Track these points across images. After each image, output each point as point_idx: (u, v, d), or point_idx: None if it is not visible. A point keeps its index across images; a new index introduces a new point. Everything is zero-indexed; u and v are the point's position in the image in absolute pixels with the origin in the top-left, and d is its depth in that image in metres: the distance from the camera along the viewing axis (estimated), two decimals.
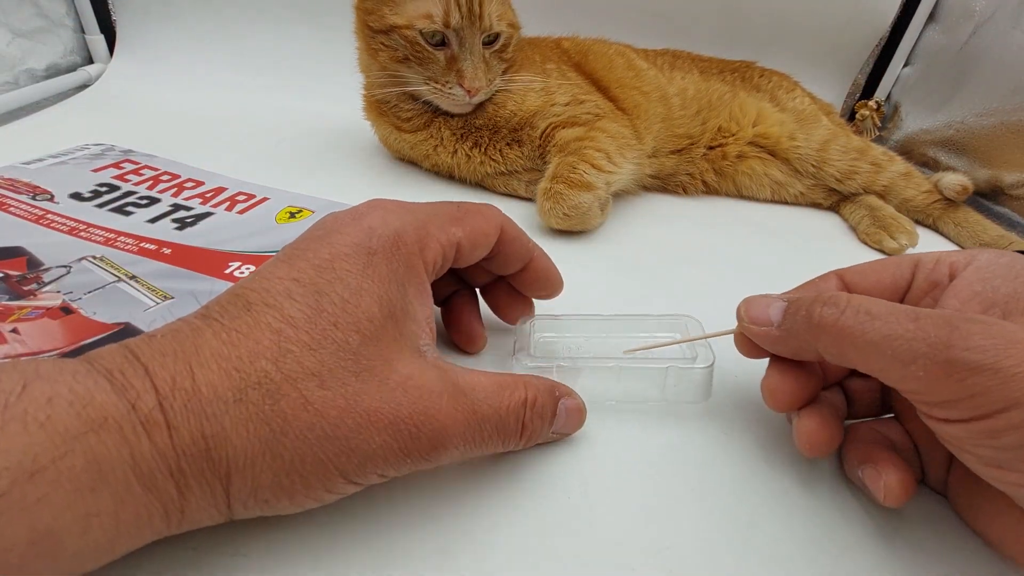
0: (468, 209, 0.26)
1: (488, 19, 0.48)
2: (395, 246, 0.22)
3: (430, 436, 0.20)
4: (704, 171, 0.60)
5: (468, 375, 0.22)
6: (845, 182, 0.58)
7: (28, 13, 0.70)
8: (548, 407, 0.24)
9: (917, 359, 0.19)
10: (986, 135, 0.63)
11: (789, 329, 0.23)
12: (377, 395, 0.19)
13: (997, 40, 0.64)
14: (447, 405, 0.21)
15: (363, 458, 0.19)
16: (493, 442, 0.22)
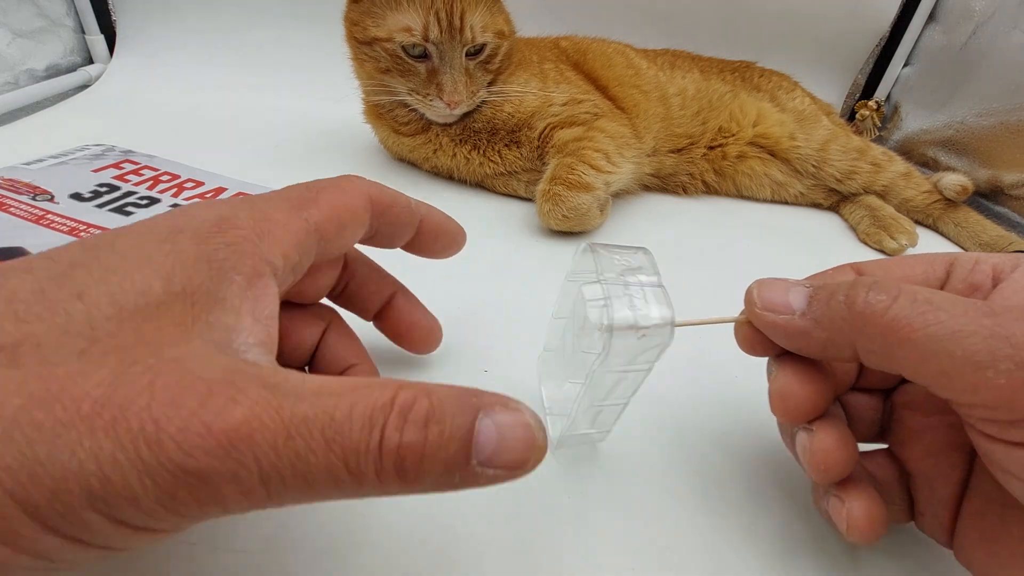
0: (321, 187, 0.21)
1: (470, 32, 0.47)
2: (216, 229, 0.16)
3: (186, 445, 0.12)
4: (704, 171, 0.60)
5: (300, 376, 0.14)
6: (845, 182, 0.58)
7: (28, 13, 0.70)
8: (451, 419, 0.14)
9: (997, 362, 0.15)
10: (986, 135, 0.63)
11: (819, 318, 0.19)
12: (104, 380, 0.12)
13: (997, 40, 0.64)
14: (222, 398, 0.13)
15: (62, 482, 0.12)
16: (317, 457, 0.13)
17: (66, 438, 0.12)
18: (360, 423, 0.13)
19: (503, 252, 0.45)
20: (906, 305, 0.17)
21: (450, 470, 0.14)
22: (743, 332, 0.22)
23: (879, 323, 0.17)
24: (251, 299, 0.16)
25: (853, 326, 0.18)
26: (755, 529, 0.24)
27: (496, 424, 0.15)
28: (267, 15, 0.79)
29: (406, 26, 0.47)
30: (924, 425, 0.21)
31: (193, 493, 0.12)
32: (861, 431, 0.23)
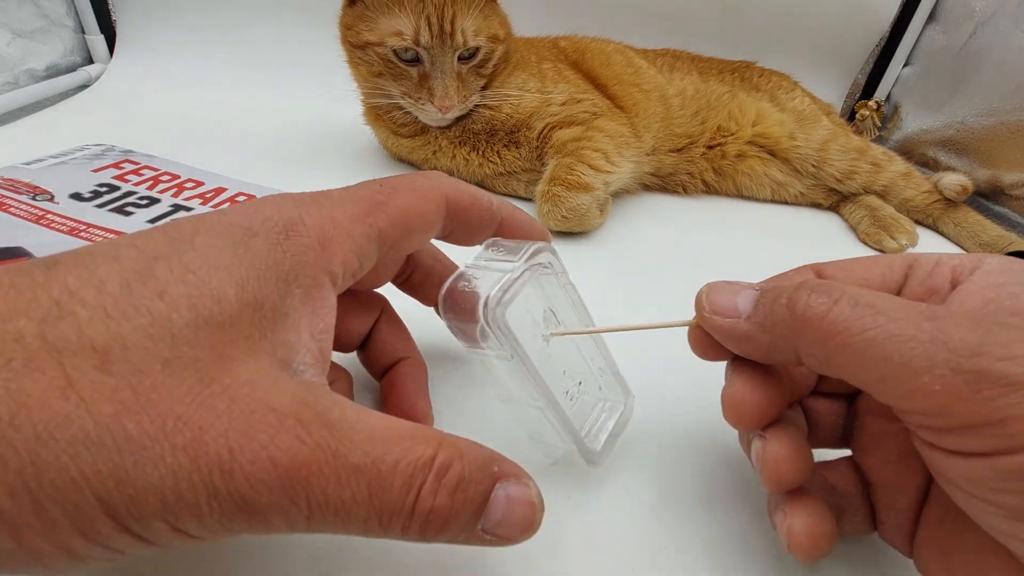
0: (395, 187, 0.20)
1: (461, 36, 0.47)
2: (285, 234, 0.17)
3: (252, 479, 0.13)
4: (704, 170, 0.60)
5: (356, 410, 0.16)
6: (845, 182, 0.58)
7: (28, 13, 0.70)
8: (472, 485, 0.16)
9: (933, 367, 0.14)
10: (986, 135, 0.63)
11: (762, 322, 0.18)
12: (186, 397, 0.13)
13: (997, 40, 0.64)
14: (290, 435, 0.14)
15: (142, 492, 0.13)
16: (359, 509, 0.15)
17: (151, 452, 0.13)
18: (401, 481, 0.15)
19: None
20: (846, 308, 0.16)
21: (461, 531, 0.16)
22: (695, 336, 0.21)
23: (818, 327, 0.16)
24: (309, 313, 0.17)
25: (794, 330, 0.17)
26: (755, 528, 0.24)
27: (507, 496, 0.16)
28: (267, 15, 0.79)
29: (397, 30, 0.47)
30: (885, 431, 0.21)
31: (247, 520, 0.14)
32: (823, 437, 0.23)
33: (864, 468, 0.21)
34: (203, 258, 0.15)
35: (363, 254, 0.19)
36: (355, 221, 0.19)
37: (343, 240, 0.18)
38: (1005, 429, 0.14)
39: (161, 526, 0.13)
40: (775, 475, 0.19)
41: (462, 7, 0.47)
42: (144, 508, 0.13)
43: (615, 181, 0.51)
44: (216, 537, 0.14)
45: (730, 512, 0.24)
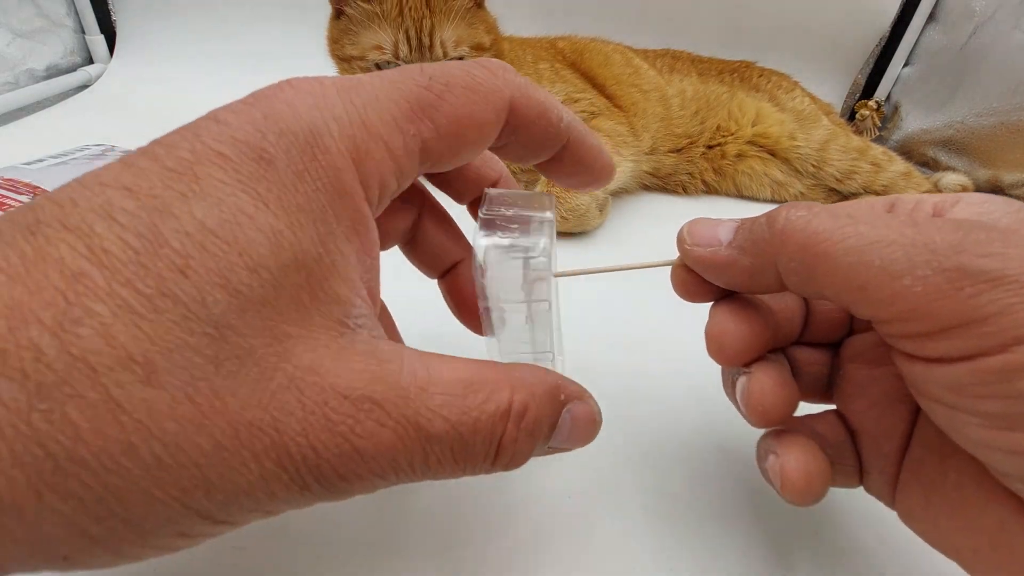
0: (448, 82, 0.16)
1: (441, 48, 0.47)
2: (309, 153, 0.13)
3: (341, 469, 0.13)
4: (704, 170, 0.60)
5: (421, 362, 0.15)
6: (845, 182, 0.58)
7: (28, 13, 0.70)
8: (545, 420, 0.16)
9: (914, 268, 0.14)
10: (986, 135, 0.63)
11: (742, 244, 0.18)
12: (251, 398, 0.12)
13: (997, 40, 0.64)
14: (369, 420, 0.13)
15: (230, 495, 0.12)
16: (445, 469, 0.15)
17: (233, 462, 0.12)
18: (483, 438, 0.15)
19: None
20: (826, 219, 0.16)
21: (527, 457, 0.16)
22: (678, 275, 0.21)
23: (798, 239, 0.16)
24: (355, 255, 0.14)
25: (773, 245, 0.17)
26: (757, 528, 0.24)
27: (572, 416, 0.17)
28: (267, 15, 0.79)
29: (377, 44, 0.47)
30: (869, 377, 0.20)
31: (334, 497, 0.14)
32: (808, 388, 0.22)
33: (848, 417, 0.21)
34: (217, 205, 0.12)
35: (403, 173, 0.16)
36: (395, 129, 0.15)
37: (380, 155, 0.15)
38: (986, 327, 0.13)
39: (254, 516, 0.13)
40: (760, 407, 0.19)
41: (441, 18, 0.47)
42: (238, 507, 0.13)
43: (614, 181, 0.51)
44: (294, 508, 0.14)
45: (731, 512, 0.24)
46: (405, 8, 0.46)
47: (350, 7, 0.48)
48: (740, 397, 0.20)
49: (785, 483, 0.18)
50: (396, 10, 0.46)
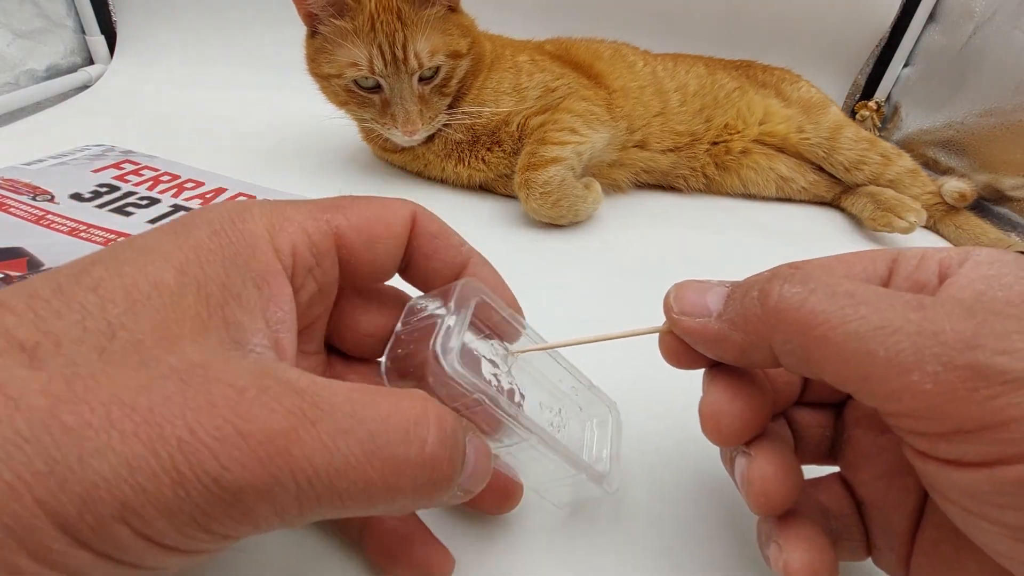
0: (358, 198, 0.19)
1: (415, 60, 0.47)
2: (230, 223, 0.16)
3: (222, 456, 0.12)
4: (705, 164, 0.60)
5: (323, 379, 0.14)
6: (853, 171, 0.58)
7: (29, 14, 0.70)
8: (460, 438, 0.16)
9: (923, 363, 0.13)
10: (986, 135, 0.63)
11: (733, 318, 0.17)
12: (130, 382, 0.12)
13: (997, 40, 0.64)
14: (260, 408, 0.13)
15: (92, 489, 0.11)
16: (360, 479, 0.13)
17: (96, 442, 0.11)
18: (400, 437, 0.14)
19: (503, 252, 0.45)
20: (824, 299, 0.14)
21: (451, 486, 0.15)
22: (667, 343, 0.19)
23: (794, 319, 0.15)
24: (264, 299, 0.16)
25: (767, 324, 0.16)
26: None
27: (474, 448, 0.16)
28: (267, 16, 0.79)
29: (352, 61, 0.47)
30: (876, 445, 0.19)
31: (227, 510, 0.12)
32: (810, 451, 0.21)
33: (854, 486, 0.20)
34: (139, 252, 0.14)
35: (318, 250, 0.17)
36: (308, 215, 0.17)
37: (293, 229, 0.17)
38: (1006, 434, 0.12)
39: (124, 532, 0.11)
40: (762, 496, 0.17)
41: (413, 30, 0.46)
42: (98, 509, 0.11)
43: (587, 149, 0.50)
44: (197, 547, 0.13)
45: (731, 513, 0.24)
46: (377, 23, 0.46)
47: (323, 25, 0.48)
48: (740, 482, 0.18)
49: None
50: (368, 25, 0.46)
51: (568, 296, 0.40)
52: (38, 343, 0.12)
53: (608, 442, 0.23)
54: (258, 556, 0.21)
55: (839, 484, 0.20)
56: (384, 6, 0.46)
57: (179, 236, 0.15)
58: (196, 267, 0.14)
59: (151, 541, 0.12)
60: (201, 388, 0.12)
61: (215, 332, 0.14)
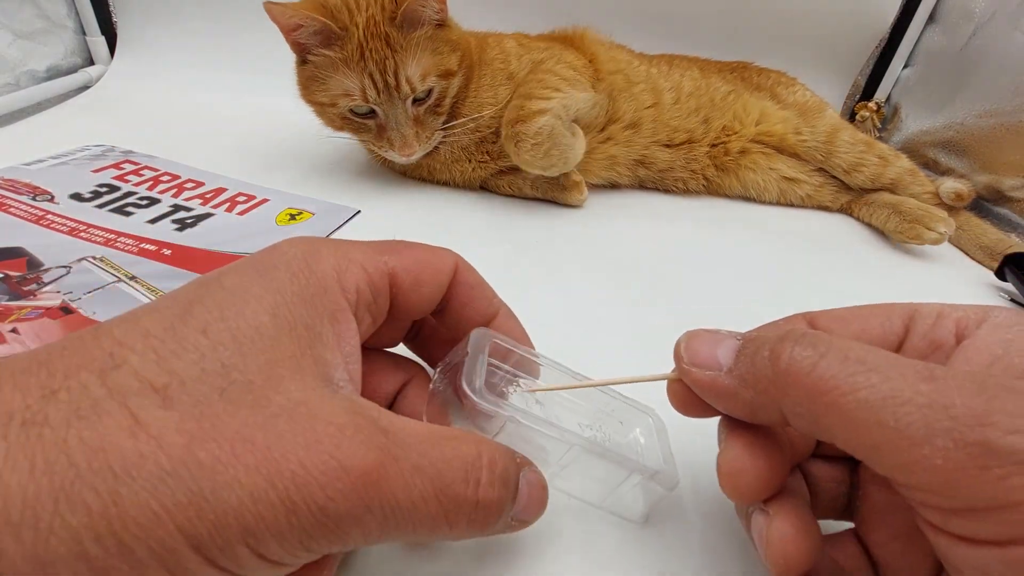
0: (410, 244, 0.21)
1: (408, 85, 0.47)
2: (305, 265, 0.18)
3: (328, 489, 0.14)
4: (705, 167, 0.60)
5: (397, 417, 0.16)
6: (852, 174, 0.58)
7: (29, 15, 0.70)
8: (511, 475, 0.17)
9: (934, 437, 0.13)
10: (986, 136, 0.63)
11: (744, 375, 0.17)
12: (248, 420, 0.14)
13: (997, 41, 0.64)
14: (353, 442, 0.14)
15: (223, 517, 0.13)
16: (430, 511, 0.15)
17: (225, 476, 0.13)
18: (461, 476, 0.16)
19: (504, 252, 0.45)
20: (834, 363, 0.14)
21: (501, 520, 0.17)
22: (675, 390, 0.19)
23: (803, 383, 0.15)
24: (337, 335, 0.18)
25: (777, 386, 0.16)
26: None
27: (528, 483, 0.18)
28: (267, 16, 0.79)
29: (345, 91, 0.47)
30: (891, 504, 0.18)
31: (326, 533, 0.14)
32: (825, 506, 0.21)
33: (868, 545, 0.19)
34: (233, 295, 0.16)
35: (376, 288, 0.20)
36: (368, 256, 0.20)
37: (356, 270, 0.19)
38: (1019, 515, 0.12)
39: (244, 552, 0.13)
40: (783, 558, 0.17)
41: (404, 55, 0.46)
42: (227, 534, 0.13)
43: (572, 103, 0.50)
44: (296, 560, 0.14)
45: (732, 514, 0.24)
46: (366, 51, 0.46)
47: (313, 54, 0.48)
48: (758, 541, 0.18)
49: None
50: (358, 54, 0.46)
51: (570, 296, 0.40)
52: (167, 384, 0.14)
53: (657, 446, 0.23)
54: None
55: (854, 542, 0.20)
56: (372, 33, 0.46)
57: (264, 278, 0.17)
58: (285, 310, 0.16)
59: (263, 558, 0.14)
60: (308, 426, 0.14)
61: (309, 370, 0.16)
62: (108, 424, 0.13)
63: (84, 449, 0.12)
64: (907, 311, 0.18)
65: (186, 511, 0.12)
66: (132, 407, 0.13)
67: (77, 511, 0.12)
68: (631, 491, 0.22)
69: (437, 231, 0.48)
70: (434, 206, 0.53)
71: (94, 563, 0.12)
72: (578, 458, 0.20)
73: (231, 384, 0.14)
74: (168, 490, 0.12)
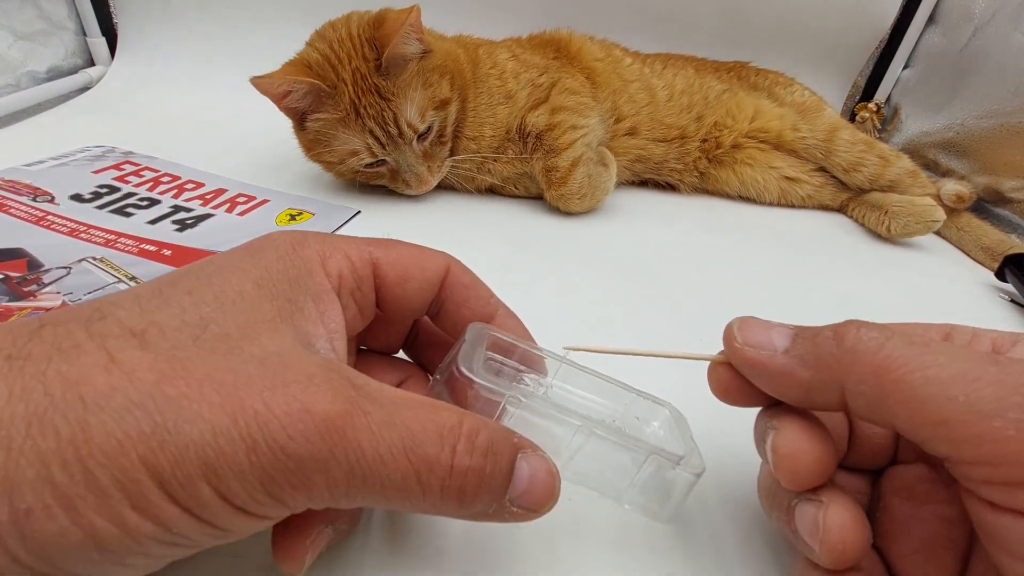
0: (401, 242, 0.22)
1: (410, 129, 0.47)
2: (291, 248, 0.19)
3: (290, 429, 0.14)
4: (696, 159, 0.60)
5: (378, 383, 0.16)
6: (852, 173, 0.58)
7: (30, 16, 0.70)
8: (499, 450, 0.17)
9: (1006, 410, 0.13)
10: (986, 137, 0.63)
11: (803, 355, 0.17)
12: (219, 364, 0.14)
13: (997, 42, 0.64)
14: (326, 393, 0.15)
15: (184, 451, 0.13)
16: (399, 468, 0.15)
17: (189, 411, 0.13)
18: (435, 438, 0.16)
19: (507, 253, 0.45)
20: (900, 344, 0.15)
21: (492, 500, 0.17)
22: (718, 375, 0.19)
23: (871, 361, 0.15)
24: (321, 312, 0.18)
25: (842, 364, 0.16)
26: (757, 531, 0.24)
27: (529, 466, 0.17)
28: (268, 18, 0.79)
29: (351, 150, 0.47)
30: (913, 516, 0.19)
31: (288, 476, 0.14)
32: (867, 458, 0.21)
33: (888, 556, 0.19)
34: (221, 268, 0.17)
35: (359, 276, 0.20)
36: (352, 246, 0.20)
37: (340, 257, 0.20)
38: None
39: (206, 490, 0.13)
40: (840, 544, 0.16)
41: (398, 101, 0.46)
42: (187, 468, 0.13)
43: (592, 136, 0.53)
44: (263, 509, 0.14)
45: (733, 515, 0.24)
46: (360, 107, 0.45)
47: (309, 119, 0.48)
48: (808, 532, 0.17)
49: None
50: (353, 112, 0.46)
51: (570, 297, 0.40)
52: (145, 330, 0.15)
53: (678, 436, 0.22)
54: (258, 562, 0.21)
55: (873, 553, 0.19)
56: (362, 88, 0.45)
57: (253, 256, 0.18)
58: (269, 283, 0.17)
59: (225, 500, 0.14)
60: (278, 372, 0.15)
61: (288, 333, 0.16)
62: (85, 361, 0.13)
63: (60, 380, 0.13)
64: (944, 329, 0.19)
65: (148, 441, 0.13)
66: (110, 348, 0.14)
67: (47, 436, 0.12)
68: (653, 483, 0.21)
69: (437, 232, 0.48)
70: (435, 207, 0.53)
71: (59, 489, 0.12)
72: (587, 443, 0.20)
73: (206, 332, 0.15)
74: (133, 420, 0.13)
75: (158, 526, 0.13)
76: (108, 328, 0.14)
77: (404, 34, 0.44)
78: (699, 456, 0.21)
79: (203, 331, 0.15)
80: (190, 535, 0.14)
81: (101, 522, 0.12)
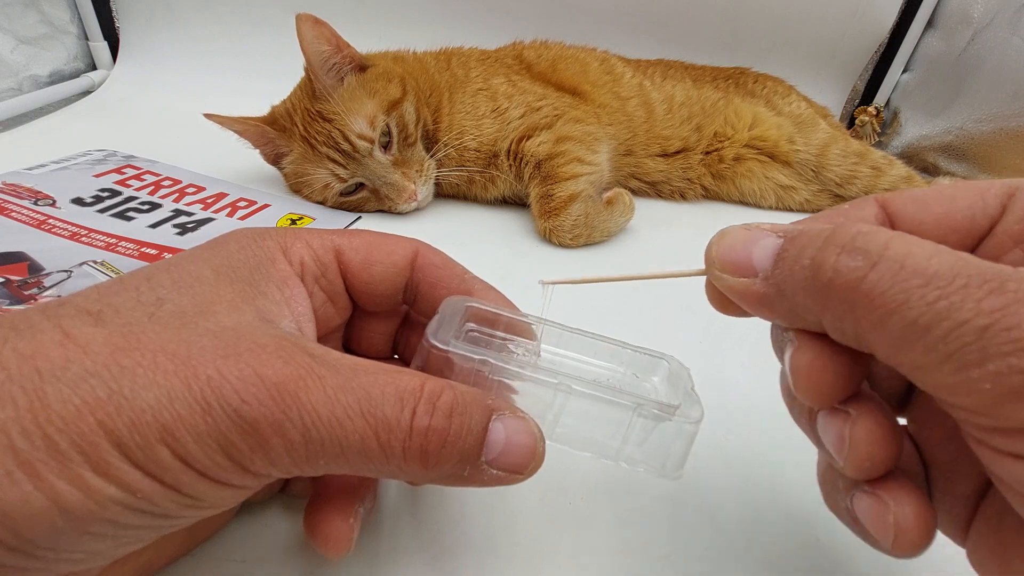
0: (365, 231, 0.22)
1: (362, 140, 0.47)
2: (252, 241, 0.19)
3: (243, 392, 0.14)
4: (702, 175, 0.60)
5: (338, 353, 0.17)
6: (845, 187, 0.58)
7: (32, 20, 0.71)
8: (471, 414, 0.16)
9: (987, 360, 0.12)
10: (985, 140, 0.63)
11: (780, 284, 0.15)
12: (173, 337, 0.15)
13: (996, 46, 0.64)
14: (279, 360, 0.15)
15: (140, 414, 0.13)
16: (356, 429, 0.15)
17: (144, 378, 0.14)
18: (393, 400, 0.15)
19: (507, 258, 0.45)
20: (886, 276, 0.13)
21: (463, 462, 0.16)
22: (712, 290, 0.18)
23: (847, 299, 0.13)
24: (286, 298, 0.19)
25: (816, 299, 0.14)
26: (758, 531, 0.24)
27: (506, 428, 0.17)
28: (269, 21, 0.79)
29: (323, 183, 0.49)
30: None
31: (246, 439, 0.14)
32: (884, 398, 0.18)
33: (921, 444, 0.18)
34: (182, 258, 0.18)
35: (322, 263, 0.21)
36: (314, 237, 0.21)
37: (301, 246, 0.20)
38: None
39: (165, 454, 0.14)
40: (868, 460, 0.15)
41: (342, 118, 0.46)
42: (144, 432, 0.13)
43: (597, 172, 0.51)
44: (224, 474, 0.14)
45: (733, 515, 0.24)
46: (311, 138, 0.47)
47: (283, 165, 0.51)
48: (835, 446, 0.16)
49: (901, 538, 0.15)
50: (308, 147, 0.47)
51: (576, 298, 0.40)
52: (101, 310, 0.15)
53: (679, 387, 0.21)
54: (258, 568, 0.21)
55: (907, 440, 0.18)
56: (305, 119, 0.47)
57: (214, 248, 0.18)
58: (229, 270, 0.18)
59: (186, 463, 0.14)
60: (231, 343, 0.15)
61: (247, 311, 0.17)
62: (41, 339, 0.14)
63: (16, 357, 0.13)
64: (1007, 188, 0.16)
65: (105, 406, 0.13)
66: (65, 325, 0.14)
67: (5, 407, 0.13)
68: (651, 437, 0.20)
69: (438, 235, 0.47)
70: (435, 211, 0.53)
71: (21, 456, 0.13)
72: (569, 401, 0.19)
73: (160, 309, 0.15)
74: (89, 388, 0.13)
75: (121, 490, 0.13)
76: (64, 310, 0.15)
77: (309, 42, 0.45)
78: (698, 405, 0.19)
79: (158, 308, 0.15)
80: (158, 501, 0.14)
81: (63, 485, 0.13)
